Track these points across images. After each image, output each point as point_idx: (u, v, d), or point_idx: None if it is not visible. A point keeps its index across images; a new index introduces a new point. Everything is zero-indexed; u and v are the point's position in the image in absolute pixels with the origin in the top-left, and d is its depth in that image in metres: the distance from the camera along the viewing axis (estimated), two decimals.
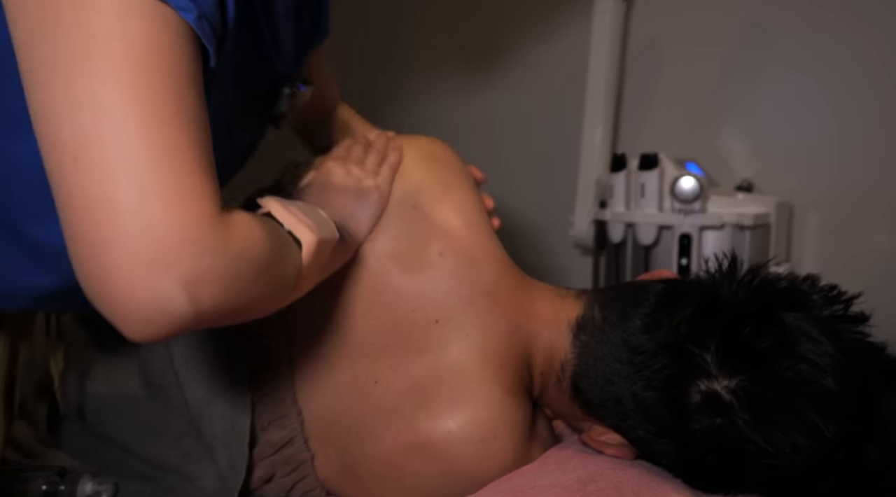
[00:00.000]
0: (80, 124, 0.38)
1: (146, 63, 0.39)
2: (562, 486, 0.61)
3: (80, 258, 0.40)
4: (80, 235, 0.39)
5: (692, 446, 0.60)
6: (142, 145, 0.38)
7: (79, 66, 0.38)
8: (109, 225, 0.38)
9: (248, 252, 0.45)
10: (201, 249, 0.40)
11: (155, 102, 0.39)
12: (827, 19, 1.31)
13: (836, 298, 0.63)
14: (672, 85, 1.47)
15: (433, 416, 0.66)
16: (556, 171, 1.58)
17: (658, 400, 0.62)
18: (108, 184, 0.38)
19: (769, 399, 0.57)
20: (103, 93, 0.38)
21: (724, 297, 0.62)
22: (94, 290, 0.40)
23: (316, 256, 0.55)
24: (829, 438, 0.56)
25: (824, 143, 1.34)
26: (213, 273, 0.41)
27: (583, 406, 0.69)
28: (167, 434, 0.72)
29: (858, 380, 0.58)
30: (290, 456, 0.70)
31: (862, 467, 0.58)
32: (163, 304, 0.39)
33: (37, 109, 0.39)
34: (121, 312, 0.40)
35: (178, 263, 0.39)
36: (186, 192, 0.40)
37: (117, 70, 0.38)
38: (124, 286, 0.39)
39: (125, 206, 0.38)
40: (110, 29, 0.38)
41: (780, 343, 0.58)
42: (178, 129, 0.40)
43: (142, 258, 0.38)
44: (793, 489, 0.59)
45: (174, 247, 0.39)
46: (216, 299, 0.42)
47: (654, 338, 0.63)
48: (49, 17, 0.39)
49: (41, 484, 0.71)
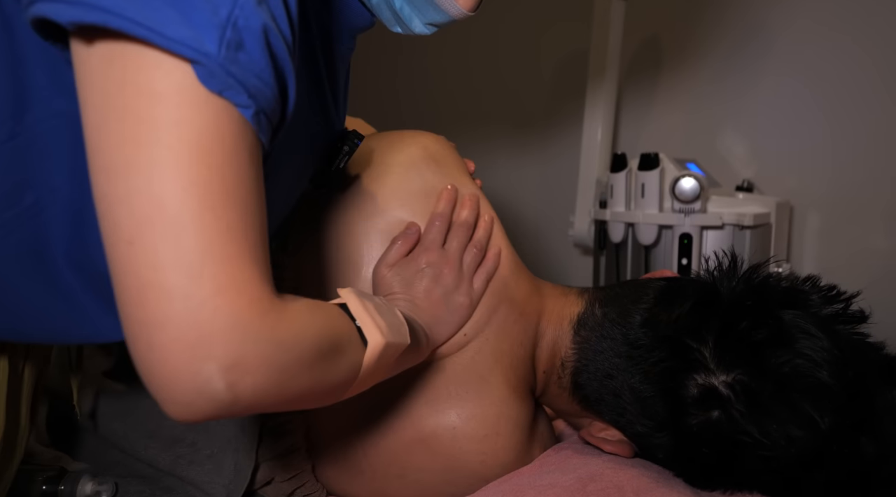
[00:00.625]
0: (137, 210, 0.40)
1: (204, 153, 0.41)
2: (562, 486, 0.61)
3: (130, 336, 0.41)
4: (131, 314, 0.40)
5: (689, 439, 0.61)
6: (194, 234, 0.40)
7: (140, 153, 0.40)
8: (158, 307, 0.39)
9: (297, 344, 0.45)
10: (244, 336, 0.41)
11: (211, 192, 0.41)
12: (827, 22, 1.31)
13: (835, 298, 0.63)
14: (672, 85, 1.47)
15: (439, 411, 0.66)
16: (556, 171, 1.59)
17: (655, 393, 0.62)
18: (160, 268, 0.40)
19: (765, 392, 0.58)
20: (161, 181, 0.40)
21: (722, 294, 0.63)
22: (142, 368, 0.41)
23: (379, 359, 0.53)
24: (824, 430, 0.56)
25: (824, 143, 1.34)
26: (256, 361, 0.41)
27: (582, 401, 0.70)
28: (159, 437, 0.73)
29: (854, 375, 0.58)
30: (289, 462, 0.71)
31: (855, 460, 0.59)
32: (202, 389, 0.40)
33: (99, 191, 0.41)
34: (164, 393, 0.41)
35: (221, 349, 0.40)
36: (235, 279, 0.41)
37: (176, 160, 0.40)
38: (168, 368, 0.40)
39: (174, 290, 0.39)
40: (172, 119, 0.40)
41: (776, 338, 0.59)
42: (232, 216, 0.42)
43: (186, 342, 0.39)
44: (787, 481, 0.60)
45: (218, 333, 0.40)
46: (257, 388, 0.42)
47: (652, 332, 0.64)
48: (115, 104, 0.40)
49: (41, 484, 0.71)
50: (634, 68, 1.49)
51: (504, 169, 1.63)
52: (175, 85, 0.40)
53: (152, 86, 0.40)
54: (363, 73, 1.76)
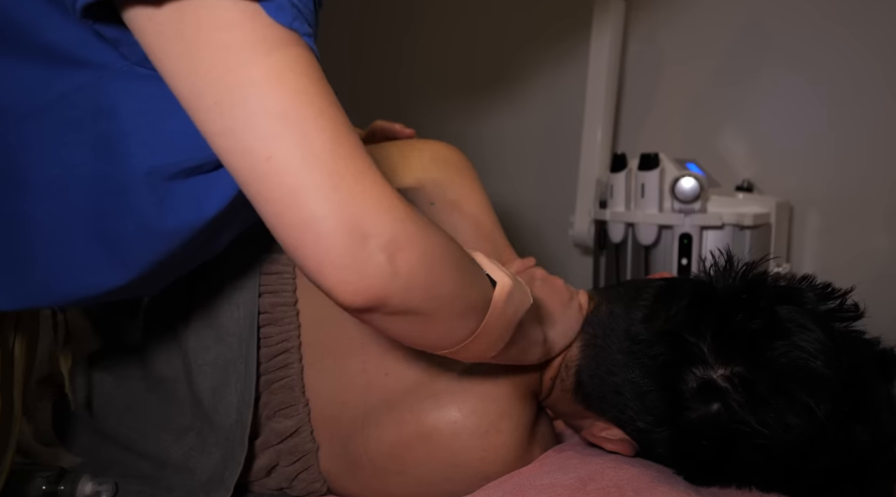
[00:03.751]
0: (262, 128, 0.43)
1: (294, 66, 0.45)
2: (562, 486, 0.61)
3: (292, 242, 0.45)
4: (288, 221, 0.44)
5: (688, 433, 0.62)
6: (319, 135, 0.44)
7: (240, 77, 0.44)
8: (312, 204, 0.44)
9: (437, 234, 0.49)
10: (393, 214, 0.46)
11: (314, 98, 0.45)
12: (826, 21, 1.31)
13: (830, 295, 0.65)
14: (672, 85, 1.47)
15: (440, 406, 0.67)
16: (556, 171, 1.58)
17: (655, 387, 0.63)
18: (301, 171, 0.44)
19: (762, 383, 0.59)
20: (271, 96, 0.44)
21: (719, 290, 0.64)
22: (310, 265, 0.45)
23: (505, 304, 0.54)
24: (820, 417, 0.57)
25: (824, 143, 1.34)
26: (407, 237, 0.46)
27: (584, 400, 0.70)
28: (171, 430, 0.73)
29: (848, 366, 0.60)
30: (295, 446, 0.70)
31: (851, 447, 0.60)
32: (367, 264, 0.44)
33: (216, 128, 0.45)
34: (335, 278, 0.45)
35: (377, 227, 0.44)
36: (366, 168, 0.46)
37: (275, 74, 0.44)
38: (335, 254, 0.44)
39: (321, 186, 0.44)
40: (254, 39, 0.44)
41: (772, 331, 0.60)
42: (338, 117, 0.46)
43: (346, 227, 0.44)
44: (784, 470, 0.61)
45: (370, 213, 0.44)
46: (412, 264, 0.46)
47: (652, 327, 0.65)
48: (198, 45, 0.44)
49: (41, 484, 0.71)
50: (634, 68, 1.49)
51: (504, 169, 1.63)
52: (249, 17, 0.44)
53: (228, 17, 0.43)
54: (363, 68, 1.76)
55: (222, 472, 0.69)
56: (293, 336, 0.71)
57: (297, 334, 0.72)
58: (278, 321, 0.71)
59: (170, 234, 0.54)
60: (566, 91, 1.53)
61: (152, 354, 0.74)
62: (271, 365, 0.71)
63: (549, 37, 1.59)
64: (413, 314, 0.49)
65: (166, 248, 0.55)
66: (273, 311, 0.71)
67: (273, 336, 0.71)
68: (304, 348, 0.72)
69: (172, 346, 0.73)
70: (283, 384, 0.71)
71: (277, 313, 0.71)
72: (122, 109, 0.51)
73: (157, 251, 0.55)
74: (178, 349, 0.72)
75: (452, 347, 0.54)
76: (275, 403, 0.70)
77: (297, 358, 0.71)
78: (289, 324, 0.71)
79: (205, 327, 0.71)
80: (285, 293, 0.72)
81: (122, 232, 0.54)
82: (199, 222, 0.54)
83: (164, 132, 0.51)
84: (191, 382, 0.71)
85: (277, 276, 0.72)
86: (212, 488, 0.69)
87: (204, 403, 0.70)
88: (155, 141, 0.51)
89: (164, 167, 0.52)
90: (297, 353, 0.71)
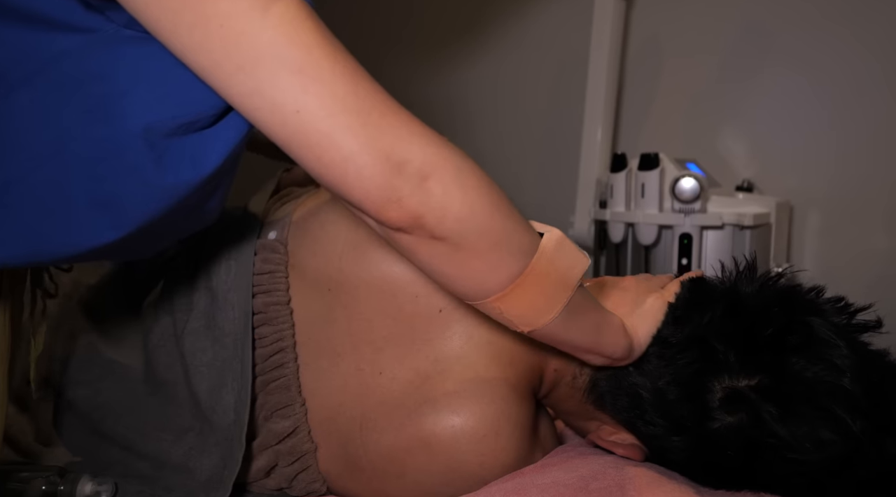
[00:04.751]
0: (289, 86, 0.47)
1: (303, 22, 0.48)
2: (564, 484, 0.61)
3: (332, 180, 0.49)
4: (325, 162, 0.48)
5: (710, 442, 0.61)
6: (342, 81, 0.48)
7: (257, 42, 0.46)
8: (349, 142, 0.47)
9: (474, 164, 0.52)
10: (424, 141, 0.49)
11: (328, 47, 0.48)
12: (827, 21, 1.31)
13: (846, 308, 0.65)
14: (672, 85, 1.47)
15: (438, 410, 0.65)
16: (556, 171, 1.59)
17: (680, 393, 0.62)
18: (331, 117, 0.47)
19: (795, 395, 0.59)
20: (289, 54, 0.47)
21: (748, 299, 0.64)
22: (356, 196, 0.49)
23: (555, 250, 0.54)
24: (857, 433, 0.57)
25: (824, 142, 1.34)
26: (441, 161, 0.50)
27: (595, 402, 0.69)
28: (170, 430, 0.72)
29: (877, 381, 0.60)
30: (293, 446, 0.70)
31: (882, 462, 0.59)
32: (402, 189, 0.48)
33: (242, 90, 0.48)
34: (377, 207, 0.49)
35: (409, 153, 0.48)
36: (389, 105, 0.50)
37: (287, 34, 0.47)
38: (378, 181, 0.48)
39: (352, 126, 0.47)
40: (260, 5, 0.46)
41: (804, 345, 0.60)
42: (352, 63, 0.49)
43: (383, 155, 0.48)
44: (812, 481, 0.60)
45: (401, 143, 0.48)
46: (446, 185, 0.49)
47: (681, 332, 0.64)
48: (207, 14, 0.46)
49: (41, 484, 0.71)
50: (634, 68, 1.49)
51: (504, 169, 1.63)
52: None
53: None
54: None
55: (221, 471, 0.68)
56: (287, 335, 0.71)
57: (292, 334, 0.71)
58: (272, 321, 0.71)
59: (168, 190, 0.54)
60: (566, 91, 1.53)
61: (154, 359, 0.74)
62: (267, 365, 0.71)
63: (549, 37, 1.59)
64: (450, 242, 0.51)
65: (164, 204, 0.55)
66: (267, 311, 0.71)
67: (268, 336, 0.71)
68: (298, 348, 0.71)
69: (171, 349, 0.73)
70: (280, 384, 0.70)
71: (271, 313, 0.71)
72: (113, 72, 0.52)
73: (152, 209, 0.55)
74: (177, 351, 0.72)
75: (496, 291, 0.53)
76: (272, 404, 0.70)
77: (293, 357, 0.71)
78: (283, 323, 0.71)
79: (201, 329, 0.71)
80: (278, 292, 0.72)
81: (119, 191, 0.54)
82: (197, 179, 0.54)
83: (159, 89, 0.52)
84: (189, 383, 0.71)
85: (270, 275, 0.72)
86: (211, 488, 0.69)
87: (202, 404, 0.70)
88: (150, 98, 0.52)
89: (161, 123, 0.52)
90: (293, 353, 0.71)
